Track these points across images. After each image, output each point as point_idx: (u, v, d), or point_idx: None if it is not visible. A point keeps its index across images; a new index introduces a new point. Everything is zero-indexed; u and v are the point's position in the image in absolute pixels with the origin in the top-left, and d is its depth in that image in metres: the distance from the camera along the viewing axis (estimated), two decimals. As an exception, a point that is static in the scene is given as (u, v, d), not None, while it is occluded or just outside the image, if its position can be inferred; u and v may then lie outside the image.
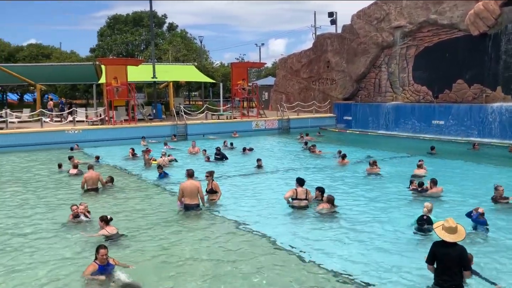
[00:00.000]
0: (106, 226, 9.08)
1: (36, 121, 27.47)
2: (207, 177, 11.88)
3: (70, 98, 54.58)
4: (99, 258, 7.21)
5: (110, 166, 18.25)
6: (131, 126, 26.81)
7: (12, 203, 12.44)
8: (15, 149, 22.55)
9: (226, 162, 18.53)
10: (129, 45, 53.14)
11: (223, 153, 19.18)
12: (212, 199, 11.80)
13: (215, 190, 11.84)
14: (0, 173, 17.12)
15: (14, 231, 9.86)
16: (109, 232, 9.01)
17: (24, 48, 52.95)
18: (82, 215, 10.25)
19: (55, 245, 8.91)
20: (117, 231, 9.16)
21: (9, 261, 8.10)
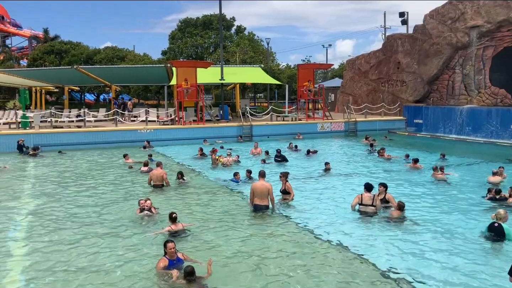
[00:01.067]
0: (172, 223, 9.38)
1: (111, 120, 28.91)
2: (281, 178, 12.06)
3: (143, 99, 57.05)
4: (168, 253, 7.46)
5: (179, 165, 18.82)
6: (199, 127, 27.51)
7: (86, 197, 13.18)
8: (92, 146, 23.92)
9: (286, 164, 18.32)
10: (198, 48, 54.55)
11: (284, 156, 19.01)
12: (285, 199, 11.92)
13: (288, 191, 11.97)
14: (76, 168, 18.19)
15: (86, 224, 10.40)
16: (174, 229, 9.30)
17: (101, 51, 55.93)
18: (147, 211, 10.63)
19: (123, 240, 9.26)
20: (182, 228, 9.43)
21: (78, 254, 8.59)
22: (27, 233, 9.75)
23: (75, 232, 9.74)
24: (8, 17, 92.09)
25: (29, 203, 12.45)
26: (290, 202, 11.87)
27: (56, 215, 11.18)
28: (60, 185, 14.90)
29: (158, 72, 33.54)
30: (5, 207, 11.97)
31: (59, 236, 9.46)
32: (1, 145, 22.54)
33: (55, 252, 8.53)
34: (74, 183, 15.31)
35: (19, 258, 8.33)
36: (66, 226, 10.22)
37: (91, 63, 49.14)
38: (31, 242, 9.19)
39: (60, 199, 12.93)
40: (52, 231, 9.83)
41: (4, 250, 8.74)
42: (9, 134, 23.77)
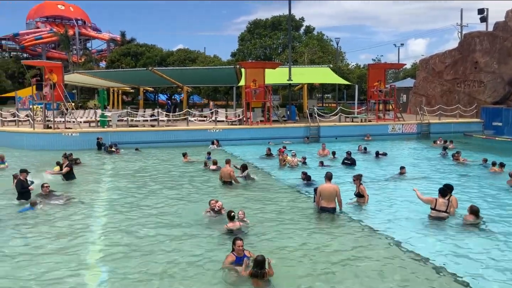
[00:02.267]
0: (230, 221, 9.52)
1: (183, 120, 29.85)
2: (355, 181, 11.93)
3: (212, 100, 58.41)
4: (236, 250, 7.60)
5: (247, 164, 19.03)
6: (266, 127, 27.70)
7: (158, 193, 13.71)
8: (165, 145, 24.82)
9: (354, 168, 17.69)
10: (267, 49, 54.97)
11: (353, 158, 18.37)
12: (360, 202, 11.79)
13: (362, 194, 11.82)
14: (150, 165, 18.97)
15: (158, 220, 10.81)
16: (230, 227, 9.45)
17: (174, 53, 57.95)
18: (217, 212, 10.71)
19: (189, 238, 9.50)
20: (239, 226, 9.50)
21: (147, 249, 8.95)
22: (104, 226, 10.31)
23: (147, 228, 10.14)
24: (89, 22, 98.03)
25: (105, 198, 13.18)
26: (365, 205, 11.67)
27: (130, 210, 11.73)
28: (134, 181, 15.63)
29: (227, 73, 34.20)
30: (84, 201, 12.74)
31: (132, 230, 9.91)
32: (82, 142, 23.99)
33: (129, 244, 8.97)
34: (147, 179, 15.97)
35: (98, 250, 8.83)
36: (139, 221, 10.67)
37: (165, 65, 51.02)
38: (108, 234, 9.72)
39: (134, 194, 13.55)
40: (127, 226, 10.30)
41: (83, 242, 9.31)
42: (89, 132, 25.31)
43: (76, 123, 27.15)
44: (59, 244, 9.03)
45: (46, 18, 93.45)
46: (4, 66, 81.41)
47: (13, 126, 29.38)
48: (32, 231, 9.90)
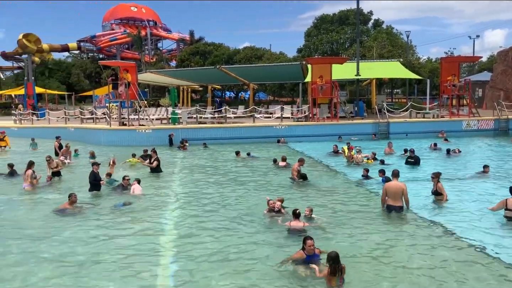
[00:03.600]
0: (294, 219, 9.48)
1: (249, 117, 30.24)
2: (433, 179, 11.64)
3: (278, 96, 58.59)
4: (307, 249, 7.60)
5: (313, 160, 18.98)
6: (333, 123, 27.37)
7: (226, 188, 14.01)
8: (232, 141, 25.28)
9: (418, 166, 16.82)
10: (334, 44, 54.23)
11: (417, 156, 17.36)
12: (438, 200, 11.51)
13: (440, 192, 11.51)
14: (218, 161, 19.40)
15: (226, 215, 11.03)
16: (293, 226, 9.39)
17: (240, 51, 58.72)
18: (276, 212, 10.53)
19: (255, 234, 9.62)
20: (303, 227, 9.38)
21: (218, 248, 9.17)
22: (176, 220, 10.73)
23: (216, 224, 10.38)
24: (160, 22, 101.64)
25: (177, 192, 13.69)
26: (444, 203, 11.36)
27: (199, 204, 12.10)
28: (204, 176, 16.10)
29: (293, 69, 34.15)
30: (158, 194, 13.32)
31: (202, 227, 10.19)
32: (155, 139, 25.02)
33: (198, 241, 9.26)
34: (216, 175, 16.37)
35: (170, 242, 9.20)
36: (208, 217, 10.96)
37: (231, 63, 51.86)
38: (179, 227, 10.10)
39: (203, 189, 13.95)
40: (196, 221, 10.61)
41: (156, 233, 9.75)
42: (161, 129, 26.36)
43: (148, 120, 28.36)
44: (133, 239, 9.49)
45: (120, 20, 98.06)
46: (82, 66, 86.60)
47: (91, 123, 31.29)
48: (110, 222, 10.51)
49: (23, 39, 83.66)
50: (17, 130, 34.63)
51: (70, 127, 30.10)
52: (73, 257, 8.28)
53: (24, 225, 10.41)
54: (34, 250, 8.70)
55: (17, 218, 11.07)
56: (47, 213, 11.34)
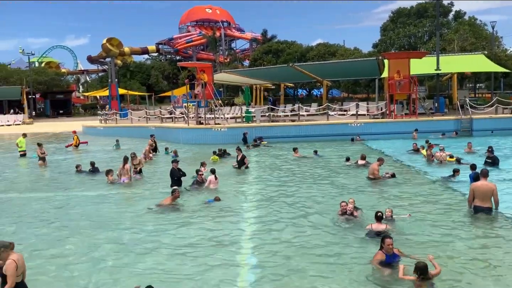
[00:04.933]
0: (377, 222, 9.17)
1: (322, 115, 29.91)
2: None
3: (352, 93, 57.44)
4: (385, 248, 7.39)
5: (391, 160, 18.38)
6: (412, 120, 26.33)
7: (301, 186, 13.93)
8: (306, 139, 25.13)
9: (497, 167, 15.42)
10: (411, 38, 52.16)
11: (495, 157, 15.93)
12: None
13: None
14: (291, 160, 19.37)
15: (300, 214, 10.97)
16: (374, 228, 9.07)
17: (313, 48, 58.28)
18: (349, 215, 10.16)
19: (332, 235, 9.47)
20: (385, 229, 9.01)
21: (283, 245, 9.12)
22: (251, 219, 10.83)
23: (290, 223, 10.36)
24: (233, 23, 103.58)
25: (252, 190, 13.84)
26: None
27: (274, 203, 12.14)
28: (277, 174, 16.17)
29: (368, 65, 33.29)
30: (234, 191, 13.56)
31: (277, 227, 10.22)
32: (230, 137, 25.52)
33: (275, 242, 9.30)
34: (290, 173, 16.36)
35: (246, 245, 9.30)
36: (283, 216, 10.95)
37: (304, 60, 51.60)
38: (254, 227, 10.20)
39: (278, 188, 13.98)
40: (272, 220, 10.60)
41: (234, 228, 9.93)
42: (235, 127, 26.84)
43: (224, 119, 28.98)
44: (211, 236, 9.71)
45: (195, 22, 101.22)
46: (161, 68, 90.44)
47: (170, 122, 32.56)
48: (187, 218, 10.86)
49: (107, 43, 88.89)
50: (102, 129, 36.92)
51: (151, 126, 31.53)
52: (174, 250, 8.63)
53: (126, 218, 10.99)
54: (144, 240, 9.23)
55: (116, 212, 11.76)
56: (143, 206, 11.96)
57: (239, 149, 17.69)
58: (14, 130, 42.60)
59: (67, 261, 8.24)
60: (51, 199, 13.38)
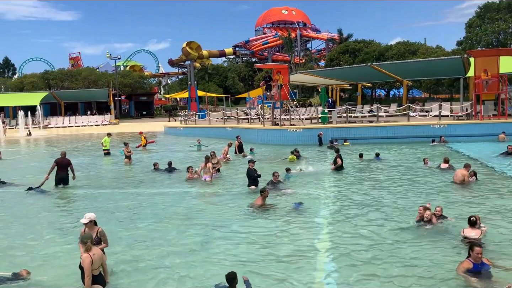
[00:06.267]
0: (470, 227, 8.62)
1: (403, 115, 28.87)
2: None
3: (433, 93, 54.98)
4: (473, 256, 6.96)
5: (479, 163, 17.29)
6: (501, 122, 24.62)
7: (379, 190, 13.50)
8: (384, 141, 24.41)
9: None
10: (500, 34, 48.84)
11: None
12: None
13: None
14: (368, 161, 18.86)
15: (379, 218, 10.62)
16: (466, 234, 8.55)
17: (392, 47, 56.48)
18: (427, 222, 9.57)
19: (415, 241, 9.09)
20: (480, 235, 8.46)
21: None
22: (328, 221, 10.66)
23: (372, 227, 10.09)
24: (309, 23, 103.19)
25: (329, 192, 13.65)
26: None
27: (353, 206, 11.88)
28: (354, 176, 15.82)
29: (452, 64, 31.62)
30: (310, 193, 13.46)
31: (356, 231, 10.00)
32: (305, 138, 25.41)
33: (355, 240, 9.10)
34: (365, 175, 15.93)
35: (324, 247, 9.20)
36: (362, 219, 10.70)
37: (383, 60, 50.20)
38: (332, 230, 10.03)
39: (358, 190, 13.68)
40: (350, 225, 10.43)
41: (314, 233, 9.84)
42: (311, 128, 26.66)
43: (299, 120, 28.91)
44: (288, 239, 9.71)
45: (271, 24, 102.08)
46: (237, 70, 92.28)
47: (246, 123, 33.07)
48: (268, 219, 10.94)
49: (186, 47, 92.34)
50: (182, 129, 38.35)
51: (227, 127, 32.23)
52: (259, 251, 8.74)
53: (211, 215, 11.30)
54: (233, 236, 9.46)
55: (202, 208, 12.12)
56: (227, 204, 12.31)
57: (334, 147, 17.23)
58: (102, 130, 45.42)
59: (161, 253, 8.58)
60: (140, 195, 14.09)
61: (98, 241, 7.75)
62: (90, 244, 6.76)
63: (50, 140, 39.60)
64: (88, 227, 7.82)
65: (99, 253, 6.88)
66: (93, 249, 6.79)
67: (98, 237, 7.80)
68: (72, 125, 55.66)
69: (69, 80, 68.54)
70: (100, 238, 7.84)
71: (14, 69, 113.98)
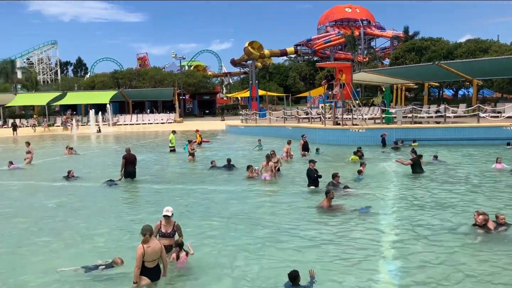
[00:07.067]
0: None
1: (472, 116, 27.48)
2: None
3: (506, 93, 51.90)
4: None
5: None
6: None
7: (441, 193, 12.95)
8: (452, 143, 23.37)
9: None
10: None
11: None
12: None
13: None
14: (433, 163, 18.14)
15: (439, 224, 10.19)
16: None
17: (462, 45, 53.96)
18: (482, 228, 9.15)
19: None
20: None
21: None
22: (393, 225, 10.39)
23: (433, 232, 9.69)
24: (373, 21, 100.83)
25: (393, 195, 13.31)
26: None
27: (417, 210, 11.51)
28: (417, 178, 15.30)
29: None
30: (373, 195, 13.19)
31: (418, 231, 9.69)
32: (368, 138, 24.90)
33: (416, 245, 8.83)
34: (429, 178, 15.34)
35: (389, 254, 8.91)
36: (424, 223, 10.33)
37: (451, 58, 48.05)
38: (398, 234, 9.77)
39: (419, 192, 13.24)
40: (414, 231, 10.07)
41: (377, 233, 9.64)
42: (374, 128, 26.07)
43: (362, 119, 28.35)
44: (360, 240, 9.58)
45: (334, 22, 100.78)
46: (298, 69, 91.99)
47: (307, 122, 32.90)
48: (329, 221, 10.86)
49: (248, 47, 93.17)
50: (243, 128, 38.84)
51: (288, 126, 32.24)
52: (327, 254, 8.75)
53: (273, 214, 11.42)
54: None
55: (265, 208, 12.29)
56: (288, 204, 12.41)
57: (414, 151, 16.71)
58: (166, 128, 46.91)
59: (224, 251, 8.79)
60: (204, 192, 14.46)
61: (173, 234, 8.18)
62: (148, 237, 6.94)
63: (119, 137, 41.53)
64: (167, 219, 8.17)
65: (156, 247, 7.00)
66: (150, 242, 6.95)
67: (174, 230, 8.18)
68: (139, 123, 57.94)
69: (136, 79, 71.26)
70: (176, 231, 8.22)
71: (86, 69, 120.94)
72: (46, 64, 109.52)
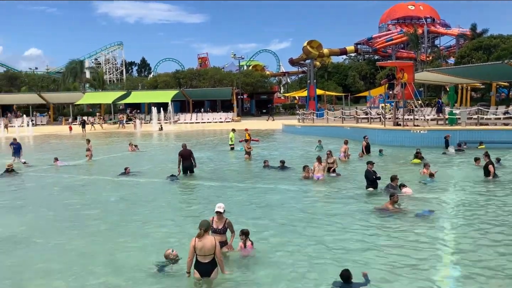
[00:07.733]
0: None
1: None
2: None
3: None
4: None
5: None
6: None
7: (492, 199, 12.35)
8: None
9: None
10: None
11: None
12: None
13: None
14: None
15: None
16: None
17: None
18: None
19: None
20: None
21: None
22: (456, 226, 10.08)
23: (492, 238, 9.33)
24: (438, 19, 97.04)
25: (455, 196, 12.83)
26: None
27: (478, 216, 11.06)
28: (481, 183, 14.65)
29: None
30: (442, 200, 12.78)
31: (481, 239, 9.32)
32: (430, 139, 24.05)
33: (478, 251, 8.48)
34: (495, 183, 14.62)
35: (450, 247, 8.72)
36: (488, 230, 9.93)
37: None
38: (457, 233, 9.45)
39: (482, 199, 12.70)
40: (476, 234, 9.75)
41: (437, 242, 9.37)
42: (437, 129, 25.16)
43: (424, 120, 27.45)
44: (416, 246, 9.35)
45: (396, 20, 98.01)
46: (358, 68, 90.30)
47: (366, 123, 32.30)
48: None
49: (307, 46, 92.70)
50: (300, 128, 38.75)
51: (346, 126, 31.80)
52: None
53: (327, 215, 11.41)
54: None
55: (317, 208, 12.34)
56: (341, 205, 12.37)
57: (486, 154, 16.09)
58: (225, 127, 47.68)
59: (281, 249, 8.88)
60: (262, 191, 14.69)
61: (225, 231, 8.35)
62: (202, 232, 7.15)
63: (179, 134, 42.73)
64: (218, 216, 8.37)
65: (209, 243, 7.11)
66: (205, 238, 7.13)
67: (225, 227, 8.36)
68: (199, 121, 59.31)
69: (197, 79, 72.97)
70: (227, 227, 8.39)
71: (149, 69, 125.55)
72: (112, 64, 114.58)
